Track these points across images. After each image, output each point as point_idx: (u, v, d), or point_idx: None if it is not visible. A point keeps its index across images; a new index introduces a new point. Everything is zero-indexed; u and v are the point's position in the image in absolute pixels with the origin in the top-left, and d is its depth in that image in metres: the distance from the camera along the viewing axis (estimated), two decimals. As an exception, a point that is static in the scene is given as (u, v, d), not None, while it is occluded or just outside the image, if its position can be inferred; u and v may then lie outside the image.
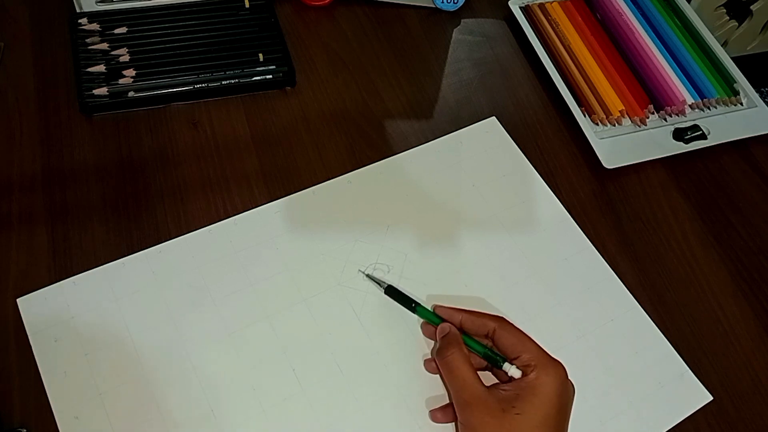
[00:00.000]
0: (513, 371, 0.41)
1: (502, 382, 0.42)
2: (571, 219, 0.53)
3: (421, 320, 0.46)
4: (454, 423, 0.43)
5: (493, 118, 0.58)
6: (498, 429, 0.37)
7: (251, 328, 0.46)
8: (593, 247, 0.52)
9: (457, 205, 0.53)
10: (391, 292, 0.47)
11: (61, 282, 0.46)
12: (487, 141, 0.57)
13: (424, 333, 0.46)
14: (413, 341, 0.46)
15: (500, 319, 0.43)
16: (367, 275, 0.48)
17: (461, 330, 0.43)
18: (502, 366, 0.41)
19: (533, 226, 0.52)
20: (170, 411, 0.42)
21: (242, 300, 0.47)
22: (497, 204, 0.53)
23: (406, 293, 0.47)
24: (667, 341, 0.48)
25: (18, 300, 0.45)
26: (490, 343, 0.43)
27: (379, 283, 0.48)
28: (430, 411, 0.43)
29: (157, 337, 0.45)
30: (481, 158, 0.56)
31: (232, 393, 0.43)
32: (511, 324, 0.43)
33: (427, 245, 0.50)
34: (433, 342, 0.46)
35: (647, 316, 0.49)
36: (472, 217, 0.52)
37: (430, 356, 0.45)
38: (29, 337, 0.44)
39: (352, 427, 0.43)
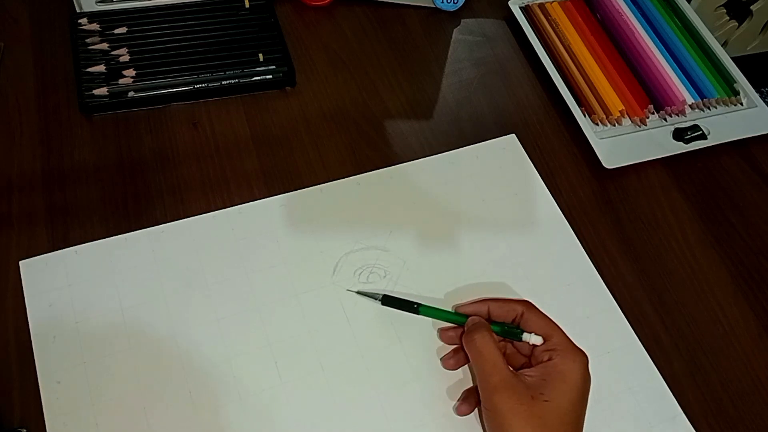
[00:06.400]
0: (533, 338, 0.41)
1: (520, 368, 0.42)
2: (580, 246, 0.52)
3: (438, 327, 0.46)
4: (477, 409, 0.43)
5: (513, 135, 0.57)
6: (528, 415, 0.37)
7: (240, 316, 0.46)
8: (598, 275, 0.51)
9: (464, 218, 0.52)
10: (388, 300, 0.46)
11: (64, 250, 0.47)
12: (503, 157, 0.56)
13: (442, 339, 0.46)
14: (399, 349, 0.46)
15: (527, 304, 0.43)
16: (358, 292, 0.47)
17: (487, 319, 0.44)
18: (521, 337, 0.42)
19: (540, 251, 0.51)
20: (150, 387, 0.43)
21: (236, 288, 0.47)
22: (506, 222, 0.52)
23: (404, 297, 0.46)
24: (663, 381, 0.47)
25: (20, 262, 0.46)
26: None
27: (372, 296, 0.47)
28: (456, 407, 0.43)
29: (146, 314, 0.45)
30: (494, 174, 0.55)
31: (213, 377, 0.43)
32: (538, 309, 0.43)
33: (427, 255, 0.50)
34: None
35: (645, 352, 0.48)
36: (478, 233, 0.52)
37: (445, 353, 0.45)
38: (26, 300, 0.45)
39: (327, 426, 0.43)
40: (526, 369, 0.41)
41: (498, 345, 0.41)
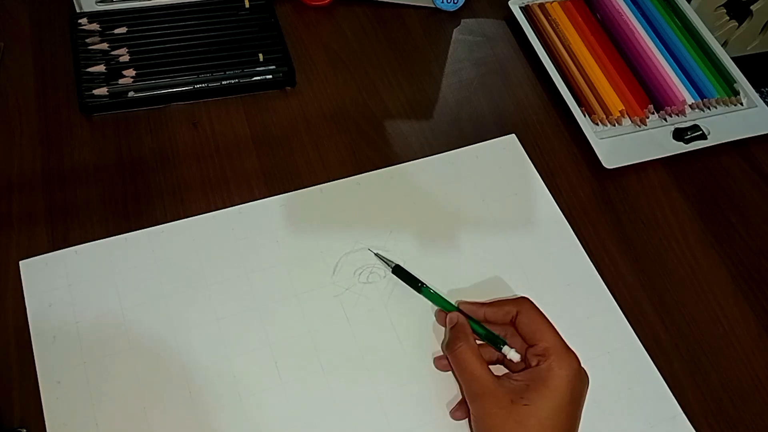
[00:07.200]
0: (512, 354, 0.41)
1: (513, 372, 0.42)
2: (580, 246, 0.52)
3: (436, 307, 0.47)
4: (467, 419, 0.43)
5: (513, 135, 0.57)
6: (505, 420, 0.38)
7: (240, 316, 0.46)
8: (598, 275, 0.51)
9: (464, 218, 0.52)
10: (398, 271, 0.48)
11: (64, 250, 0.47)
12: (503, 157, 0.56)
13: (437, 320, 0.47)
14: (399, 349, 0.46)
15: (522, 303, 0.43)
16: (376, 254, 0.49)
17: (485, 321, 0.44)
18: (501, 348, 0.42)
19: (540, 251, 0.51)
20: (150, 387, 0.43)
21: (236, 288, 0.47)
22: (506, 222, 0.52)
23: (413, 274, 0.47)
24: (663, 381, 0.47)
25: (20, 262, 0.46)
26: (512, 329, 0.43)
27: (387, 262, 0.48)
28: (450, 411, 0.43)
29: (146, 314, 0.45)
30: (495, 174, 0.55)
31: (212, 377, 0.43)
32: (533, 307, 0.42)
33: (427, 255, 0.50)
34: (440, 338, 0.46)
35: (645, 352, 0.48)
36: (477, 233, 0.52)
37: (439, 354, 0.45)
38: (26, 300, 0.45)
39: (325, 425, 0.43)
40: (515, 373, 0.42)
41: (478, 352, 0.41)
